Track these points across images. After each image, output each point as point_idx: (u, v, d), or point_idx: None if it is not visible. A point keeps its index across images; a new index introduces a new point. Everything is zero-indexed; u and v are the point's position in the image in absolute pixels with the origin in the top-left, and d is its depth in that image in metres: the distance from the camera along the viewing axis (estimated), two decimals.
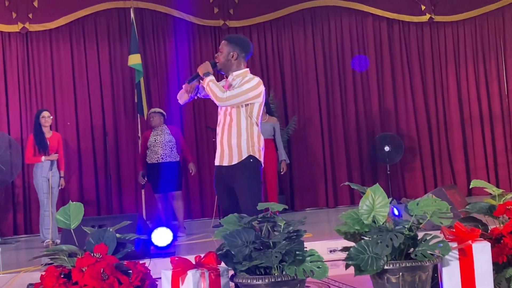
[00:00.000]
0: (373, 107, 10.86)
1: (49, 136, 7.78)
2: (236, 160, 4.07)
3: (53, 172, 7.68)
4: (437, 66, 11.09)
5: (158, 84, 10.19)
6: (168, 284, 3.10)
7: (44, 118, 7.72)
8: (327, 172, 10.60)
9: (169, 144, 7.74)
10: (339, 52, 10.89)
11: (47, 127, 7.77)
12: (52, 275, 3.03)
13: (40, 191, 7.60)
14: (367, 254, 3.04)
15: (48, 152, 7.65)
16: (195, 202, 10.12)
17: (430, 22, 11.04)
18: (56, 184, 7.76)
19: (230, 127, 4.09)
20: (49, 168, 7.63)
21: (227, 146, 4.08)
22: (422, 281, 3.07)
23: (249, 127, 4.08)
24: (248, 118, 4.09)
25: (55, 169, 7.74)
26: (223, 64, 4.21)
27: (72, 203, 3.27)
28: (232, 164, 4.08)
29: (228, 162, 4.09)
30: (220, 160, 4.13)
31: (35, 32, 9.67)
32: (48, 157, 7.62)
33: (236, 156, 4.07)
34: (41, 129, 7.71)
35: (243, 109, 4.09)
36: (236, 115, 4.09)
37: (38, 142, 7.63)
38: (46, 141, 7.66)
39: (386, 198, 3.17)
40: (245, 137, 4.08)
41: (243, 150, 4.08)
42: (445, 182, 10.68)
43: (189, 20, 10.31)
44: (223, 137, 4.12)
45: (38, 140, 7.64)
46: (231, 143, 4.08)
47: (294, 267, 2.94)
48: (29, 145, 7.69)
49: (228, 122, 4.11)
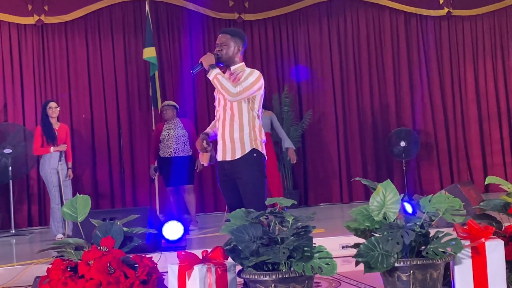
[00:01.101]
0: (389, 102, 10.77)
1: (57, 127, 7.68)
2: (239, 154, 4.02)
3: (62, 164, 7.56)
4: (454, 61, 10.97)
5: (173, 77, 10.17)
6: (175, 278, 3.07)
7: (51, 109, 7.63)
8: (342, 167, 10.54)
9: (182, 139, 7.72)
10: (355, 46, 10.80)
11: (54, 118, 7.65)
12: (59, 268, 3.01)
13: (50, 184, 7.47)
14: (377, 251, 2.98)
15: (56, 143, 7.53)
16: (209, 196, 10.11)
17: (448, 16, 10.92)
18: (67, 177, 7.64)
19: (232, 121, 4.03)
20: (58, 160, 7.50)
21: (230, 140, 4.03)
22: (434, 279, 3.01)
23: (251, 121, 4.04)
24: (250, 111, 4.05)
25: (63, 161, 7.61)
26: (229, 58, 4.14)
27: (79, 196, 3.24)
28: (235, 159, 4.03)
29: (231, 157, 4.03)
30: (223, 155, 4.06)
31: (51, 24, 9.69)
32: (57, 148, 7.51)
33: (239, 150, 4.02)
34: (48, 120, 7.61)
35: (246, 102, 4.04)
36: (238, 109, 4.03)
37: (46, 133, 7.51)
38: (54, 132, 7.57)
39: (397, 195, 3.11)
40: (247, 131, 4.03)
41: (246, 143, 4.03)
42: (462, 179, 10.58)
43: (204, 13, 10.28)
44: (224, 132, 4.05)
45: (46, 131, 7.53)
46: (233, 137, 4.02)
47: (302, 264, 2.89)
48: (37, 136, 7.57)
49: (230, 116, 4.04)
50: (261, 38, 10.61)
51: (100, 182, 9.72)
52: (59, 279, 2.97)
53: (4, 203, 9.05)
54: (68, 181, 7.65)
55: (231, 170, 4.04)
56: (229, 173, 4.06)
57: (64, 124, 7.94)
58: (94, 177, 9.70)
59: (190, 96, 10.08)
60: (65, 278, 2.97)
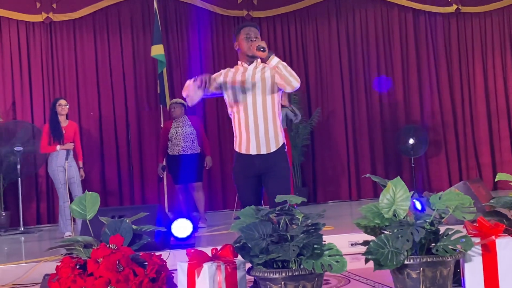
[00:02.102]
0: (398, 99, 10.74)
1: (65, 125, 7.61)
2: (274, 148, 3.99)
3: (69, 162, 7.48)
4: (463, 58, 10.93)
5: (181, 74, 10.17)
6: (184, 276, 3.07)
7: (60, 106, 7.57)
8: (351, 164, 10.51)
9: (191, 137, 7.71)
10: (364, 43, 10.77)
11: (63, 116, 7.60)
12: (68, 266, 3.02)
13: (57, 181, 7.44)
14: (387, 248, 2.97)
15: (63, 141, 7.48)
16: (217, 193, 10.11)
17: (457, 13, 10.87)
18: (75, 175, 7.57)
19: (266, 114, 3.98)
20: (65, 158, 7.44)
21: (264, 134, 3.97)
22: (444, 277, 2.99)
23: (278, 115, 4.05)
24: (276, 106, 4.05)
25: (71, 159, 7.53)
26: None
27: (88, 193, 3.24)
28: (270, 152, 3.98)
29: (266, 151, 3.98)
30: (257, 149, 3.98)
31: (59, 22, 9.70)
32: (64, 146, 7.46)
33: (274, 144, 3.99)
34: (57, 118, 7.54)
35: (276, 96, 4.04)
36: (271, 102, 4.01)
37: (53, 131, 7.46)
38: (61, 130, 7.50)
39: (407, 192, 3.09)
40: (278, 124, 4.04)
41: (279, 137, 4.03)
42: (471, 176, 10.54)
43: (212, 10, 10.27)
44: (258, 125, 3.98)
45: (53, 129, 7.47)
46: (268, 131, 3.98)
47: (312, 261, 2.88)
48: (44, 134, 7.54)
49: (263, 109, 3.99)
50: (269, 35, 10.59)
51: (108, 180, 9.73)
52: (68, 276, 2.98)
53: (12, 201, 9.08)
54: (77, 179, 7.61)
55: (264, 164, 3.98)
56: (260, 168, 3.99)
57: (73, 122, 7.90)
58: (102, 174, 9.72)
59: None
60: (74, 275, 2.98)
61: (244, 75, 4.06)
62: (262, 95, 4.00)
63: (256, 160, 3.99)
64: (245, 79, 4.04)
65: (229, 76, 4.11)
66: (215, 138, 10.01)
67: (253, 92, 4.01)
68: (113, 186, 9.71)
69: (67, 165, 7.45)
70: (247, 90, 4.02)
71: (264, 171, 3.99)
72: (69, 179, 7.46)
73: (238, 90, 4.04)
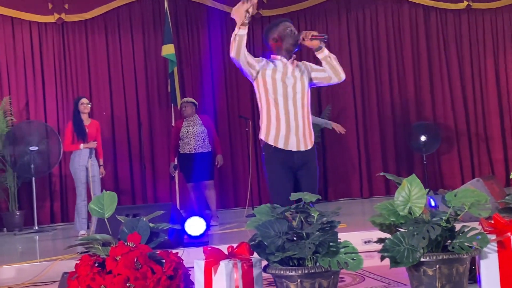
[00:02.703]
0: (409, 96, 10.72)
1: (88, 124, 7.67)
2: (310, 145, 4.04)
3: (92, 161, 7.51)
4: (475, 54, 10.90)
5: (192, 74, 10.21)
6: (201, 274, 3.10)
7: (83, 105, 7.62)
8: (362, 162, 10.51)
9: (202, 135, 7.75)
10: (374, 40, 10.76)
11: (85, 114, 7.66)
12: (86, 264, 3.05)
13: (78, 180, 7.47)
14: (403, 246, 2.98)
15: (86, 139, 7.52)
16: (229, 191, 10.14)
17: (468, 9, 10.84)
18: (96, 173, 7.60)
19: (304, 112, 4.01)
20: (88, 157, 7.47)
21: (303, 131, 4.00)
22: (460, 274, 3.00)
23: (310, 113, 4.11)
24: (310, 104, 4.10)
25: (94, 158, 7.57)
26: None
27: (105, 192, 3.28)
28: (308, 149, 4.02)
29: (304, 147, 4.00)
30: (297, 146, 3.98)
31: (71, 22, 9.76)
32: (87, 144, 7.49)
33: (309, 141, 4.04)
34: (79, 116, 7.60)
35: (310, 94, 4.08)
36: (307, 100, 4.05)
37: (77, 130, 7.51)
38: (84, 129, 7.55)
39: (423, 189, 3.10)
40: (311, 122, 4.09)
41: (313, 136, 4.10)
42: (483, 173, 10.50)
43: (222, 9, 10.27)
44: (298, 122, 3.98)
45: (76, 128, 7.52)
46: (305, 128, 4.01)
47: (328, 259, 2.90)
48: (68, 133, 7.58)
49: (301, 107, 4.00)
50: None
51: (120, 179, 9.79)
52: (87, 274, 3.01)
53: (27, 200, 9.15)
54: (98, 177, 7.63)
55: (301, 160, 3.99)
56: (297, 164, 3.99)
57: (95, 121, 7.92)
58: (115, 173, 9.77)
59: (209, 92, 10.10)
60: (93, 273, 3.01)
61: (286, 70, 4.03)
62: (301, 92, 4.02)
63: (295, 156, 4.00)
64: (288, 75, 4.01)
65: (269, 68, 4.02)
66: (226, 136, 10.04)
67: (294, 89, 4.01)
68: (125, 185, 9.76)
69: (90, 164, 7.48)
70: (288, 86, 4.00)
71: (299, 167, 4.01)
72: (92, 177, 7.49)
73: (280, 85, 3.99)
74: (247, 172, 9.24)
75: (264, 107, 4.05)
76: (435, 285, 2.95)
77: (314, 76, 4.09)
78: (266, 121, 4.03)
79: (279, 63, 4.07)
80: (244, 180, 9.79)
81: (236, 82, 10.34)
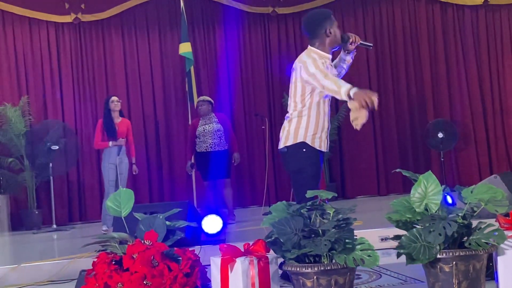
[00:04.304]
0: (426, 93, 10.67)
1: (118, 122, 7.70)
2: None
3: (120, 158, 7.55)
4: (492, 51, 10.81)
5: (208, 72, 10.23)
6: (217, 271, 3.10)
7: (113, 103, 7.66)
8: (379, 159, 10.48)
9: (218, 134, 7.76)
10: (391, 37, 10.72)
11: (116, 112, 7.70)
12: (104, 262, 3.07)
13: (106, 178, 7.53)
14: (419, 242, 2.97)
15: (116, 137, 7.56)
16: (245, 190, 10.15)
17: (485, 5, 10.76)
18: (125, 171, 7.64)
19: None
20: (117, 154, 7.51)
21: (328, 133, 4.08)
22: (476, 271, 2.99)
23: None
24: None
25: (123, 155, 7.60)
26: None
27: (122, 190, 3.29)
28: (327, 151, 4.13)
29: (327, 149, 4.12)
30: (326, 147, 4.07)
31: (88, 22, 9.84)
32: (116, 142, 7.53)
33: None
34: (110, 114, 7.65)
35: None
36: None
37: (106, 127, 7.56)
38: (114, 126, 7.60)
39: (439, 186, 3.09)
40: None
41: None
42: (501, 169, 10.42)
43: (238, 7, 10.30)
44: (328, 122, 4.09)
45: (106, 125, 7.57)
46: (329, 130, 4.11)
47: (344, 256, 2.89)
48: (98, 130, 7.65)
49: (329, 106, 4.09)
50: (295, 32, 10.60)
51: (138, 177, 9.81)
52: (104, 272, 3.03)
53: (45, 199, 9.23)
54: (125, 175, 7.65)
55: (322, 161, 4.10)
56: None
57: (125, 119, 7.95)
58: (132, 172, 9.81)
59: (225, 91, 10.12)
60: (110, 271, 3.03)
61: (331, 70, 3.97)
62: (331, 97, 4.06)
63: (321, 157, 4.08)
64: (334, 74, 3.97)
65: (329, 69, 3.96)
66: (242, 135, 10.06)
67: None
68: (142, 183, 9.81)
69: (118, 161, 7.53)
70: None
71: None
72: (120, 175, 7.54)
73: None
74: (264, 170, 9.24)
75: (306, 108, 3.99)
76: (451, 281, 2.94)
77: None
78: (306, 121, 3.99)
79: (327, 61, 3.99)
80: (260, 178, 9.80)
81: (252, 80, 10.36)
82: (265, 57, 10.51)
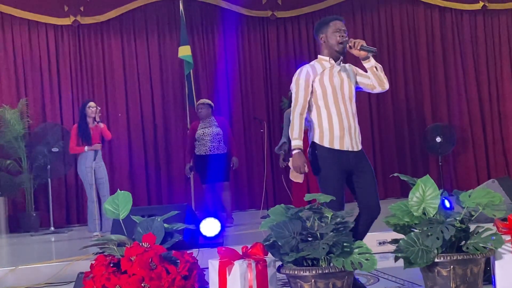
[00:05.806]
0: (424, 97, 10.68)
1: (93, 127, 7.73)
2: (360, 146, 4.07)
3: (97, 163, 7.59)
4: (491, 55, 10.82)
5: (207, 75, 10.24)
6: (215, 274, 3.11)
7: (90, 109, 7.71)
8: (377, 163, 10.47)
9: (217, 137, 7.76)
10: (390, 42, 10.73)
11: (91, 118, 7.74)
12: (102, 264, 3.08)
13: (86, 182, 7.58)
14: (417, 246, 2.98)
15: (91, 142, 7.62)
16: (243, 193, 10.15)
17: (483, 10, 10.77)
18: (103, 175, 7.71)
19: (354, 113, 4.06)
20: (93, 159, 7.54)
21: (354, 132, 4.02)
22: (474, 275, 3.00)
23: None
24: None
25: (99, 159, 7.66)
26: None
27: (120, 192, 3.29)
28: (359, 150, 4.05)
29: (357, 148, 4.03)
30: (351, 146, 3.99)
31: (87, 25, 9.82)
32: (91, 147, 7.58)
33: (360, 142, 4.07)
34: (85, 119, 7.70)
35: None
36: (355, 101, 4.08)
37: (81, 132, 7.62)
38: (89, 131, 7.64)
39: (437, 190, 3.10)
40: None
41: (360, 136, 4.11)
42: (499, 174, 10.42)
43: (237, 11, 10.30)
44: (350, 123, 4.01)
45: (81, 130, 7.63)
46: (356, 128, 4.05)
47: (341, 259, 2.90)
48: (73, 135, 7.70)
49: (351, 107, 4.05)
50: (294, 35, 10.61)
51: (136, 180, 9.84)
52: (102, 274, 3.04)
53: (43, 201, 9.23)
54: (105, 179, 7.73)
55: (356, 160, 4.00)
56: (352, 164, 3.98)
57: (100, 124, 7.91)
58: (130, 175, 9.82)
59: (224, 94, 10.12)
60: (108, 273, 3.04)
61: (332, 72, 4.02)
62: (349, 92, 4.04)
63: (350, 156, 3.99)
64: (335, 76, 4.01)
65: (316, 75, 4.01)
66: (241, 138, 10.06)
67: (342, 89, 4.03)
68: (140, 186, 9.81)
69: (95, 166, 7.55)
70: (336, 87, 4.00)
71: (354, 167, 3.99)
72: (98, 179, 7.57)
73: (328, 87, 3.99)
74: (262, 174, 9.24)
75: (314, 111, 4.02)
76: (449, 285, 2.95)
77: (359, 81, 4.11)
78: (317, 124, 4.01)
79: (327, 65, 4.06)
80: (259, 181, 9.80)
81: (251, 83, 10.37)
82: (264, 61, 10.51)
